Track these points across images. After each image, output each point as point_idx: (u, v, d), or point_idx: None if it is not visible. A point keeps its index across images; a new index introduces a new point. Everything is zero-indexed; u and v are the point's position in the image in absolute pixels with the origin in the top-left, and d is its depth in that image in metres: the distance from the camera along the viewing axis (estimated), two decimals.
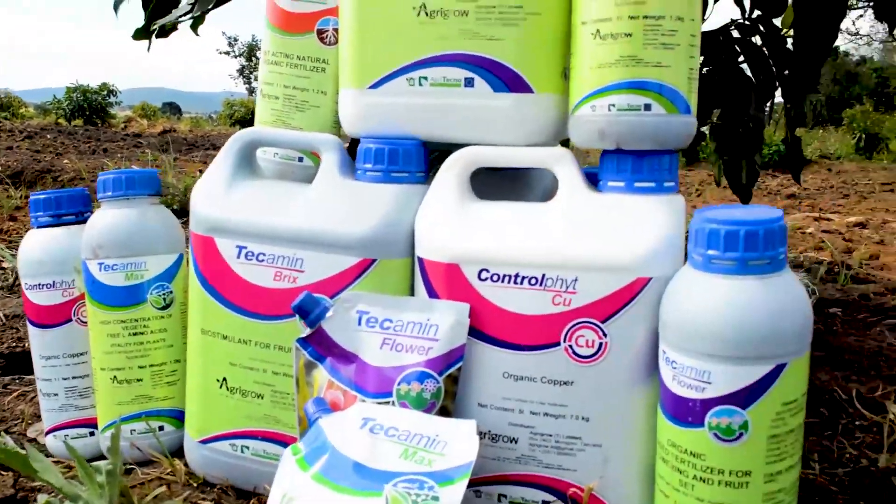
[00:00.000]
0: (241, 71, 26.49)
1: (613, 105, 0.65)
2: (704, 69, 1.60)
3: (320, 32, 0.84)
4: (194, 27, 1.72)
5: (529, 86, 0.71)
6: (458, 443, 0.62)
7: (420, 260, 0.71)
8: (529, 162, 0.72)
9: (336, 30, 0.83)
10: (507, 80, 0.71)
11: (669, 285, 0.61)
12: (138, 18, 1.55)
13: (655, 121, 0.65)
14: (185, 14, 1.45)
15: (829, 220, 3.65)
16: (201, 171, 3.68)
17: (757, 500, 0.58)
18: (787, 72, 1.46)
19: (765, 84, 1.50)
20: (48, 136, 6.11)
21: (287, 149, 0.85)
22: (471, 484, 0.69)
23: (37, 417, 0.99)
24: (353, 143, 0.85)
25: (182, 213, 2.53)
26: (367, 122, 0.77)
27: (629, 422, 0.66)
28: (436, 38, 0.72)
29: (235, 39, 25.92)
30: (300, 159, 0.87)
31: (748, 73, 1.54)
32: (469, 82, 0.72)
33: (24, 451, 0.67)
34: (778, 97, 1.56)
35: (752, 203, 1.56)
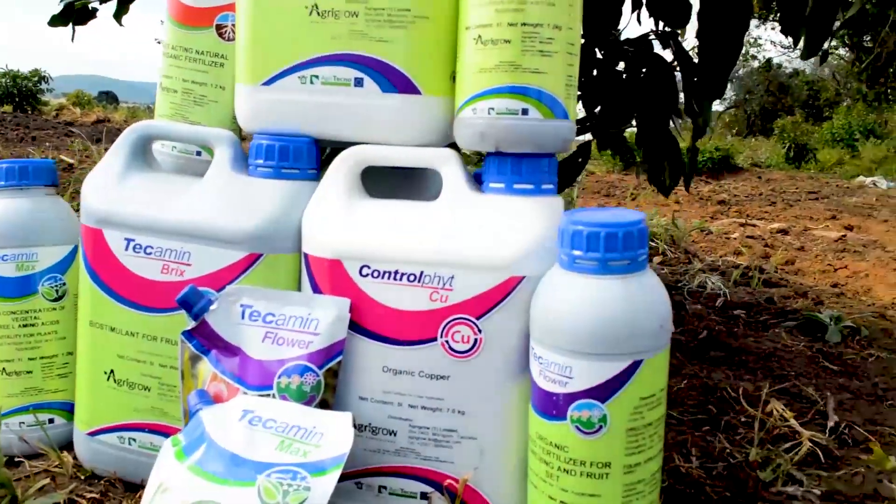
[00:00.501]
0: None
1: (493, 109, 0.67)
2: (624, 75, 1.65)
3: (219, 28, 0.84)
4: (117, 17, 1.70)
5: (417, 87, 0.73)
6: (333, 434, 0.64)
7: (305, 255, 0.72)
8: (416, 162, 0.73)
9: (234, 26, 0.83)
10: (395, 81, 0.73)
11: (539, 284, 0.64)
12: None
13: (533, 125, 0.67)
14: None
15: (754, 225, 3.77)
16: None
17: (617, 490, 0.61)
18: (689, 86, 1.51)
19: (671, 94, 1.55)
20: None
21: (182, 142, 0.85)
22: (352, 476, 0.71)
23: None
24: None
25: None
26: (260, 119, 0.78)
27: (503, 416, 0.68)
28: (327, 38, 0.73)
29: None
30: (198, 153, 0.87)
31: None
32: (359, 82, 0.73)
33: None
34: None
35: (682, 208, 1.61)
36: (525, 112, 0.67)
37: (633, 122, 1.67)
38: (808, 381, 1.18)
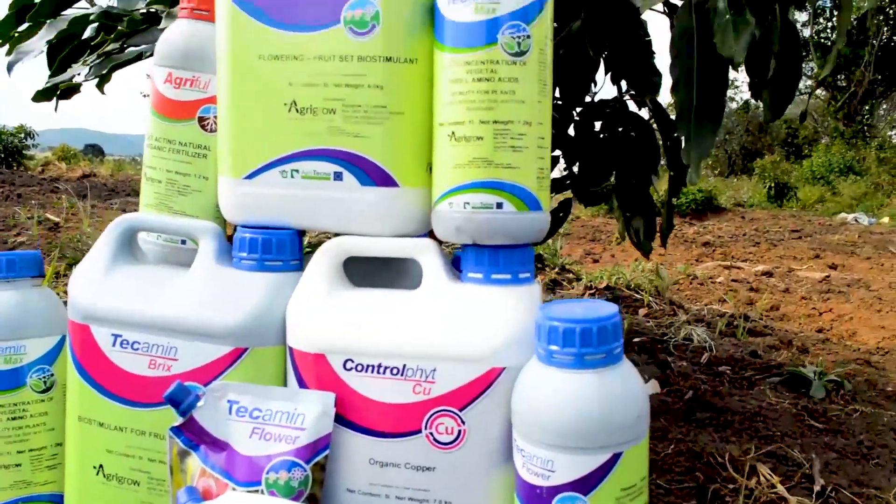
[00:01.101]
0: None
1: (468, 203, 0.69)
2: (601, 135, 1.69)
3: (201, 120, 0.86)
4: (100, 86, 1.72)
5: (395, 180, 0.75)
6: None
7: (290, 349, 0.73)
8: (396, 252, 0.75)
9: (216, 117, 0.85)
10: (373, 174, 0.75)
11: (518, 377, 0.65)
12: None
13: (508, 218, 0.69)
14: (82, 75, 1.45)
15: (738, 268, 3.81)
16: None
17: None
18: (669, 142, 1.54)
19: (651, 153, 1.58)
20: None
21: (168, 234, 0.87)
22: None
23: None
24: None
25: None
26: (243, 211, 0.79)
27: None
28: (306, 134, 0.75)
29: None
30: (183, 241, 0.89)
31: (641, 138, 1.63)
32: (338, 176, 0.75)
33: None
34: None
35: (667, 251, 1.63)
36: (500, 206, 0.69)
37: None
38: (793, 440, 1.19)
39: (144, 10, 1.27)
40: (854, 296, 2.98)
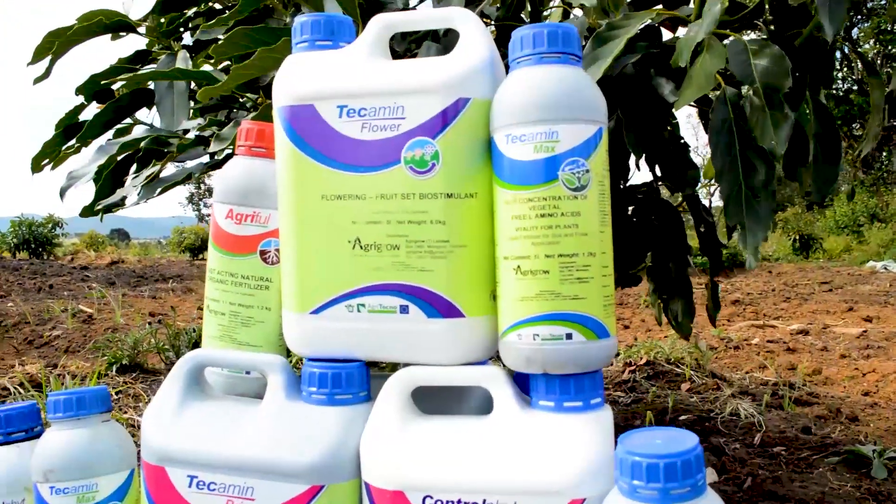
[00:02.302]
0: (190, 198, 26.58)
1: (537, 335, 0.71)
2: (635, 218, 1.71)
3: (263, 253, 0.89)
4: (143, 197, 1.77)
5: (460, 311, 0.76)
6: None
7: (367, 485, 0.74)
8: (465, 381, 0.76)
9: (277, 250, 0.87)
10: (439, 306, 0.76)
11: None
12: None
13: (577, 348, 0.70)
14: (130, 196, 1.49)
15: (772, 327, 3.77)
16: (151, 317, 3.66)
17: None
18: (703, 228, 1.56)
19: (680, 237, 1.59)
20: None
21: (234, 369, 0.89)
22: None
23: None
24: None
25: (132, 367, 2.51)
26: (310, 345, 0.81)
27: None
28: (371, 269, 0.77)
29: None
30: (247, 372, 0.90)
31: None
32: (404, 309, 0.77)
33: None
34: None
35: (697, 312, 1.62)
36: (569, 336, 0.70)
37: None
38: None
39: (194, 135, 1.31)
40: (894, 350, 2.94)
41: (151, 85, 1.50)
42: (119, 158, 1.50)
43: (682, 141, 1.32)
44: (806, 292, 5.27)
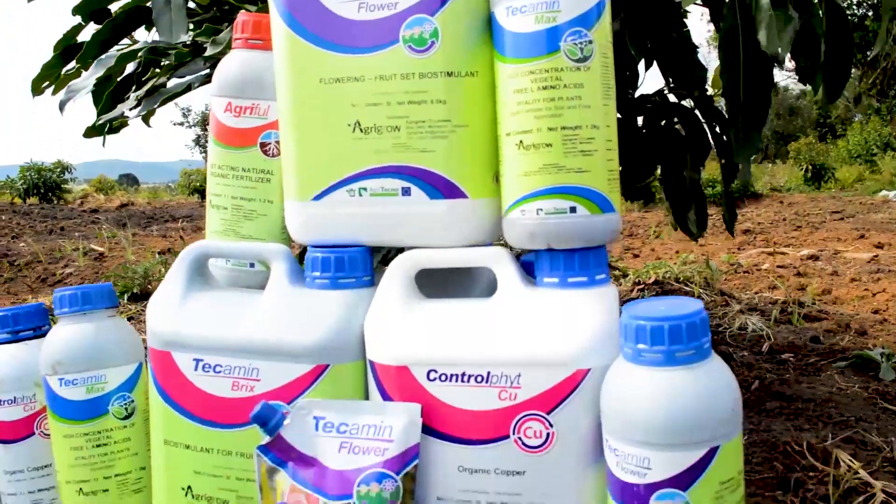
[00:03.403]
0: (196, 140, 26.42)
1: (541, 209, 0.70)
2: (644, 129, 1.68)
3: (263, 146, 0.88)
4: (145, 119, 1.76)
5: (463, 192, 0.75)
6: None
7: (371, 363, 0.74)
8: (469, 262, 0.76)
9: (278, 142, 0.86)
10: (441, 187, 0.75)
11: (606, 377, 0.65)
12: (88, 113, 1.58)
13: (581, 221, 0.70)
14: (132, 109, 1.48)
15: (783, 254, 3.75)
16: (161, 253, 3.67)
17: None
18: (718, 128, 1.53)
19: (699, 143, 1.57)
20: (3, 217, 6.07)
21: (238, 259, 0.88)
22: None
23: None
24: (305, 249, 0.88)
25: (143, 296, 2.53)
26: (312, 231, 0.81)
27: None
28: (372, 152, 0.76)
29: (189, 110, 26.00)
30: (251, 265, 0.90)
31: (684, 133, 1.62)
32: (406, 191, 0.76)
33: None
34: None
35: (707, 241, 1.62)
36: (573, 210, 0.69)
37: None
38: (869, 424, 1.18)
39: (189, 43, 1.29)
40: None
41: (149, 4, 1.47)
42: (118, 75, 1.48)
43: (689, 39, 1.28)
44: (817, 221, 5.24)
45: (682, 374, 0.61)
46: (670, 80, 1.47)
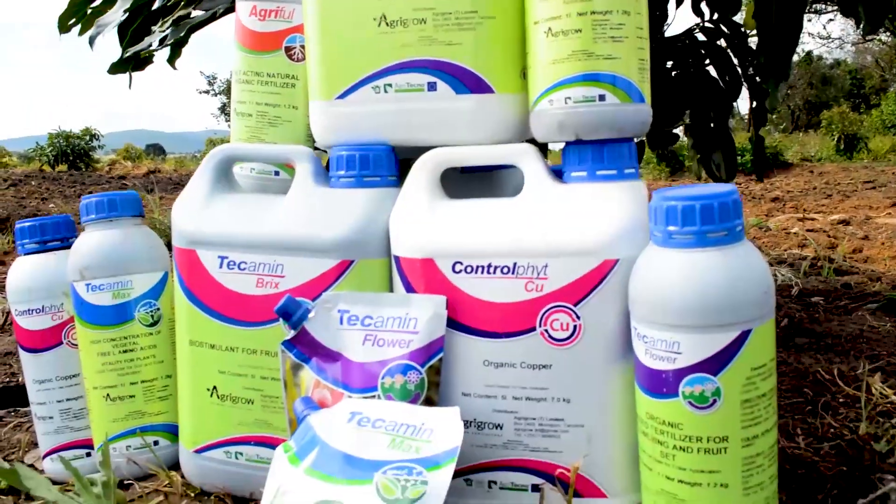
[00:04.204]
0: (222, 109, 26.42)
1: (570, 98, 0.68)
2: (673, 72, 1.65)
3: (288, 50, 0.87)
4: (171, 60, 1.75)
5: (490, 86, 0.74)
6: (443, 429, 0.64)
7: (396, 258, 0.73)
8: (495, 159, 0.74)
9: (303, 46, 0.85)
10: (467, 82, 0.74)
11: (635, 265, 0.64)
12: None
13: (611, 110, 0.68)
14: (159, 42, 1.47)
15: (812, 219, 3.70)
16: None
17: (736, 465, 0.60)
18: (751, 70, 1.50)
19: (730, 83, 1.54)
20: (33, 183, 6.14)
21: (262, 163, 0.88)
22: (460, 473, 0.72)
23: (33, 445, 1.00)
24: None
25: (170, 247, 2.54)
26: (337, 132, 0.80)
27: (609, 400, 0.68)
28: (397, 47, 0.75)
29: (214, 78, 25.92)
30: (276, 173, 0.90)
31: (714, 73, 1.59)
32: (432, 86, 0.75)
33: (15, 468, 0.68)
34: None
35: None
36: (602, 98, 0.68)
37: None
38: None
39: None
40: None
41: None
42: (145, 8, 1.48)
43: None
44: (848, 190, 5.15)
45: (713, 255, 0.59)
46: (702, 7, 1.43)
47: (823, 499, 0.72)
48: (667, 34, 1.66)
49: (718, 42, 1.58)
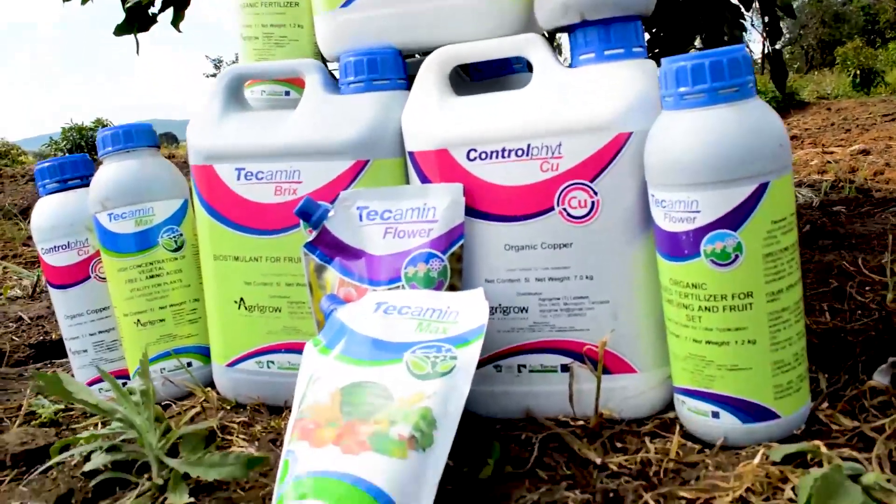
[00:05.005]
0: None
1: None
2: None
3: None
4: (175, 23, 1.76)
5: None
6: (468, 310, 0.65)
7: (411, 154, 0.74)
8: (502, 52, 0.74)
9: None
10: None
11: (649, 134, 0.64)
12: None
13: None
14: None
15: (832, 152, 3.65)
16: None
17: (763, 320, 0.60)
18: None
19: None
20: None
21: (272, 80, 0.88)
22: (489, 360, 0.72)
23: None
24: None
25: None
26: (343, 41, 0.80)
27: (632, 275, 0.68)
28: None
29: (220, 61, 25.93)
30: (287, 93, 0.90)
31: None
32: None
33: (57, 374, 0.69)
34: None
35: None
36: None
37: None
38: None
39: None
40: None
41: None
42: None
43: None
44: (867, 124, 5.06)
45: (726, 111, 0.59)
46: None
47: (853, 364, 0.72)
48: None
49: None
